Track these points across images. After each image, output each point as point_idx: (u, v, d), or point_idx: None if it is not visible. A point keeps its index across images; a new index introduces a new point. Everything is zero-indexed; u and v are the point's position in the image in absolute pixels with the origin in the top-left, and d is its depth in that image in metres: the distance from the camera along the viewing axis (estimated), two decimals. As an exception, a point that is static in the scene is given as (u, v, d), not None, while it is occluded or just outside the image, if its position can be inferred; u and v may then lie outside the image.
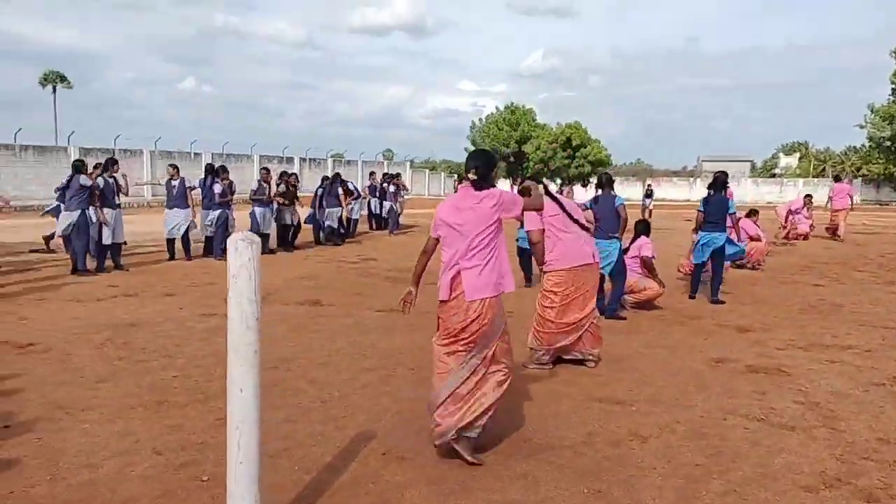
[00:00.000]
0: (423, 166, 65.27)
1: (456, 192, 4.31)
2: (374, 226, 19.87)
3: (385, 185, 19.52)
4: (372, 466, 3.80)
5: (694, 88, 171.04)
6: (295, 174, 15.71)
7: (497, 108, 60.22)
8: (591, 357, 5.91)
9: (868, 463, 3.92)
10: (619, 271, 7.94)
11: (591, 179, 56.11)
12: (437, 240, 4.13)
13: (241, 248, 2.66)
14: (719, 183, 9.15)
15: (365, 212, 19.48)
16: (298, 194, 15.04)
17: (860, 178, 57.00)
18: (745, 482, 3.67)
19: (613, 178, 8.57)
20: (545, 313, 5.90)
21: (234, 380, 2.76)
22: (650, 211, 29.25)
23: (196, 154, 35.35)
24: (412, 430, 4.34)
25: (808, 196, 18.92)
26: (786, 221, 17.67)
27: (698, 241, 9.19)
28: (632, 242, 8.59)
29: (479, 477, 3.69)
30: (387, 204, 19.31)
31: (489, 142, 56.85)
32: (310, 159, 42.73)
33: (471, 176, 4.01)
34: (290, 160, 40.67)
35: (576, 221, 5.94)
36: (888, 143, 51.45)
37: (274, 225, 14.22)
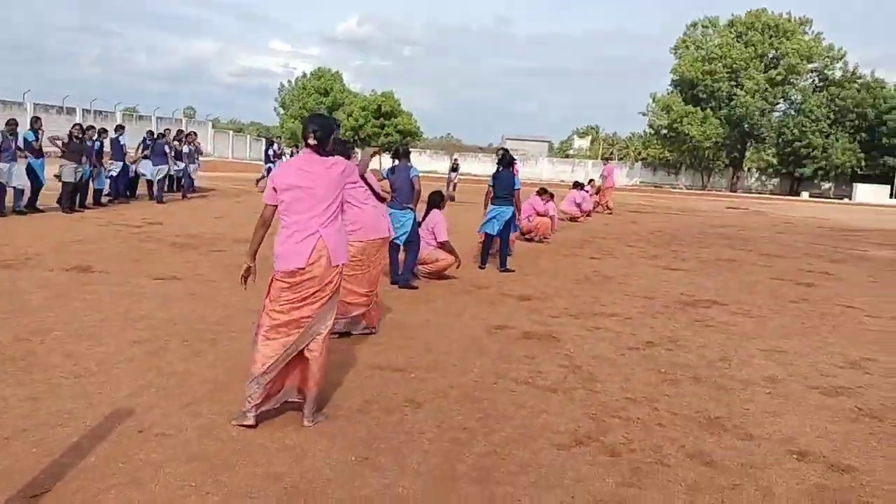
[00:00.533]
0: (228, 127, 62.22)
1: (272, 157, 4.17)
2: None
3: (177, 143, 18.17)
4: (125, 446, 3.50)
5: (502, 69, 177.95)
6: (83, 126, 14.16)
7: (304, 72, 58.69)
8: (369, 330, 5.92)
9: (616, 420, 4.27)
10: (412, 241, 8.04)
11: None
12: (275, 207, 3.92)
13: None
14: (506, 160, 9.60)
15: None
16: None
17: (640, 162, 62.83)
18: (506, 443, 3.84)
19: (410, 150, 8.66)
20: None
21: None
22: (455, 184, 30.04)
23: (-45, 98, 30.86)
24: (177, 405, 4.07)
25: (591, 180, 21.19)
26: (582, 209, 18.29)
27: (488, 214, 9.60)
28: (426, 215, 8.72)
29: (244, 451, 3.54)
30: (180, 164, 18.04)
31: (298, 107, 55.44)
32: (95, 111, 38.82)
33: (310, 141, 3.92)
34: (71, 111, 36.71)
35: (375, 194, 5.90)
36: (665, 131, 57.04)
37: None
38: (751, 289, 9.32)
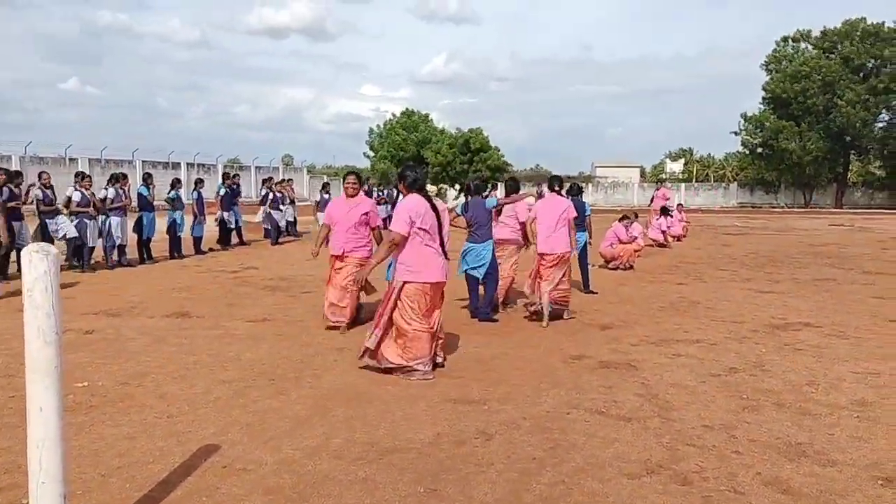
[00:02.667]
0: (323, 172, 64.56)
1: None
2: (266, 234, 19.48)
3: (267, 191, 18.85)
4: (209, 480, 3.73)
5: (588, 96, 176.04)
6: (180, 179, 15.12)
7: (394, 114, 60.49)
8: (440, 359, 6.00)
9: (690, 449, 4.19)
10: (490, 273, 8.13)
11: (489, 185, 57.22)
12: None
13: (36, 261, 2.57)
14: (575, 189, 10.09)
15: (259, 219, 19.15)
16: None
17: (735, 183, 60.74)
18: (575, 472, 3.84)
19: (489, 184, 8.97)
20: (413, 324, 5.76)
21: (33, 398, 2.65)
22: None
23: (72, 160, 33.50)
24: (259, 441, 4.28)
25: (679, 205, 20.72)
26: (665, 238, 17.89)
27: None
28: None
29: (317, 484, 3.69)
30: (274, 212, 18.81)
31: (387, 147, 56.95)
32: (198, 164, 41.24)
33: (558, 188, 8.34)
34: (176, 165, 39.18)
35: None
36: (760, 150, 54.99)
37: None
38: (848, 309, 8.87)
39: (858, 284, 11.18)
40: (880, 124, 53.05)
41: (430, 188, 5.89)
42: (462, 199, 8.70)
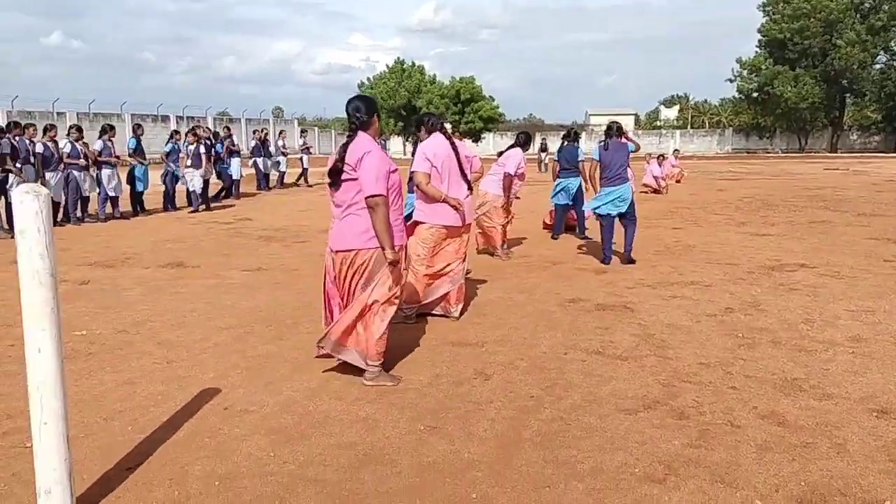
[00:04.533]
0: (314, 124, 63.95)
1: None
2: (260, 185, 19.78)
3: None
4: (211, 422, 3.76)
5: (581, 43, 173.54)
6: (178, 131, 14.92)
7: (387, 65, 59.60)
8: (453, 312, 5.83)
9: (687, 385, 4.23)
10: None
11: (483, 136, 56.86)
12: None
13: (27, 202, 2.52)
14: (572, 135, 10.10)
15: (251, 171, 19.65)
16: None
17: (730, 129, 60.41)
18: (572, 409, 3.88)
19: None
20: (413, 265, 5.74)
21: (31, 340, 2.64)
22: (546, 164, 29.72)
23: (60, 113, 33.05)
24: (259, 384, 4.31)
25: (676, 150, 20.89)
26: (658, 183, 17.83)
27: (555, 186, 10.02)
28: None
29: (319, 424, 3.73)
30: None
31: (377, 97, 56.26)
32: (188, 117, 40.72)
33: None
34: (165, 118, 38.73)
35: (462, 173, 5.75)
36: (755, 95, 54.52)
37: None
38: (843, 250, 8.89)
39: (853, 226, 11.20)
40: (878, 66, 52.55)
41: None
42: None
